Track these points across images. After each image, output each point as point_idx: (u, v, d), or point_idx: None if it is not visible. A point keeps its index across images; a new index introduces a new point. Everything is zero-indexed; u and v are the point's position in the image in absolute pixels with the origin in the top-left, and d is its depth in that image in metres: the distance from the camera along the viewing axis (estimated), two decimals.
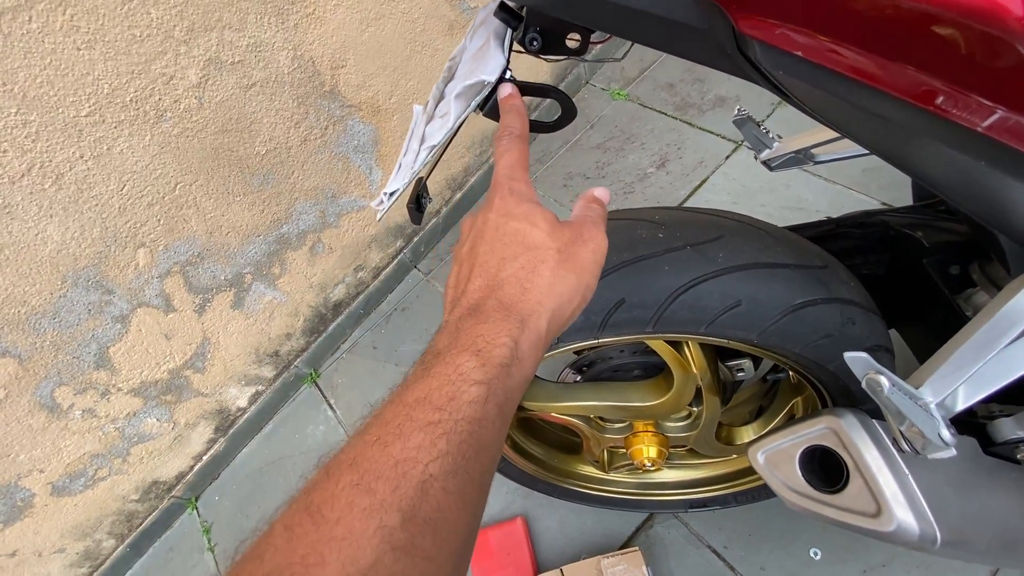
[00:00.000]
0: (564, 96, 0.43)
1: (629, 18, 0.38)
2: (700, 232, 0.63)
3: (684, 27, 0.36)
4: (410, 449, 0.25)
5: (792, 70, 0.33)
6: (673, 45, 0.39)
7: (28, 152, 0.91)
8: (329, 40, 1.17)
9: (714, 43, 0.37)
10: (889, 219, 0.77)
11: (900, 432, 0.46)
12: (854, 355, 0.44)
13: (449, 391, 0.27)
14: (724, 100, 1.68)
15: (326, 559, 0.22)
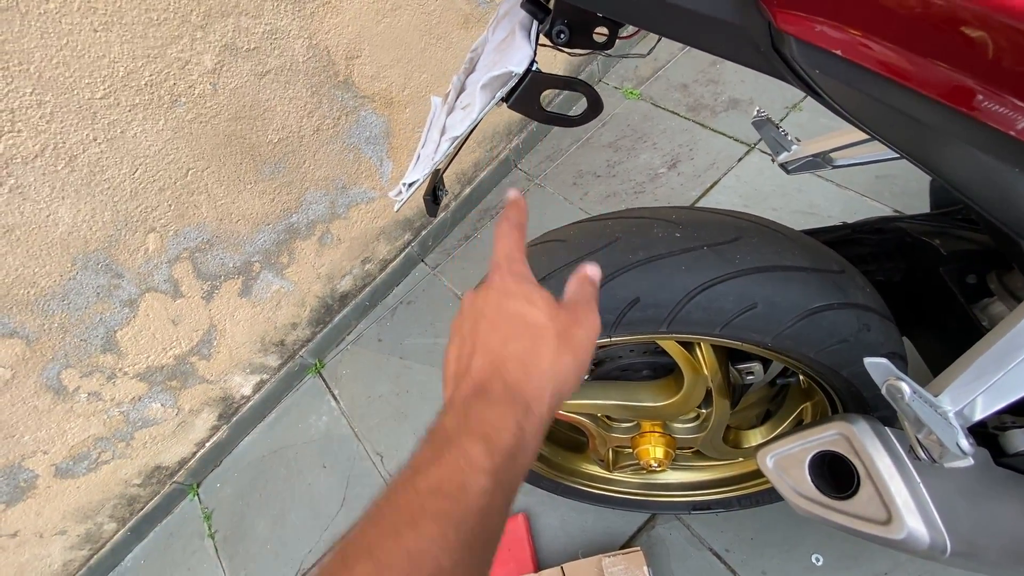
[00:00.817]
0: (591, 89, 0.43)
1: (662, 12, 0.37)
2: (717, 233, 0.63)
3: (718, 22, 0.36)
4: (423, 540, 0.25)
5: (828, 68, 0.32)
6: (704, 40, 0.39)
7: (42, 133, 0.91)
8: (345, 30, 1.17)
9: (747, 39, 0.36)
10: (906, 226, 0.76)
11: (917, 440, 0.46)
12: (875, 361, 0.44)
13: (460, 480, 0.28)
14: (738, 103, 1.67)
15: None
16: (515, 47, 0.46)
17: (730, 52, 0.38)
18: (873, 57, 0.29)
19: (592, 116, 0.44)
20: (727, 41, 0.37)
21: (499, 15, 0.60)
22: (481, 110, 0.43)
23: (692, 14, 0.35)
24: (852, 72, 0.31)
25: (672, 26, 0.38)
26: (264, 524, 1.44)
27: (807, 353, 0.63)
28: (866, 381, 0.67)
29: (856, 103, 0.34)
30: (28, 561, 1.32)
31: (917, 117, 0.31)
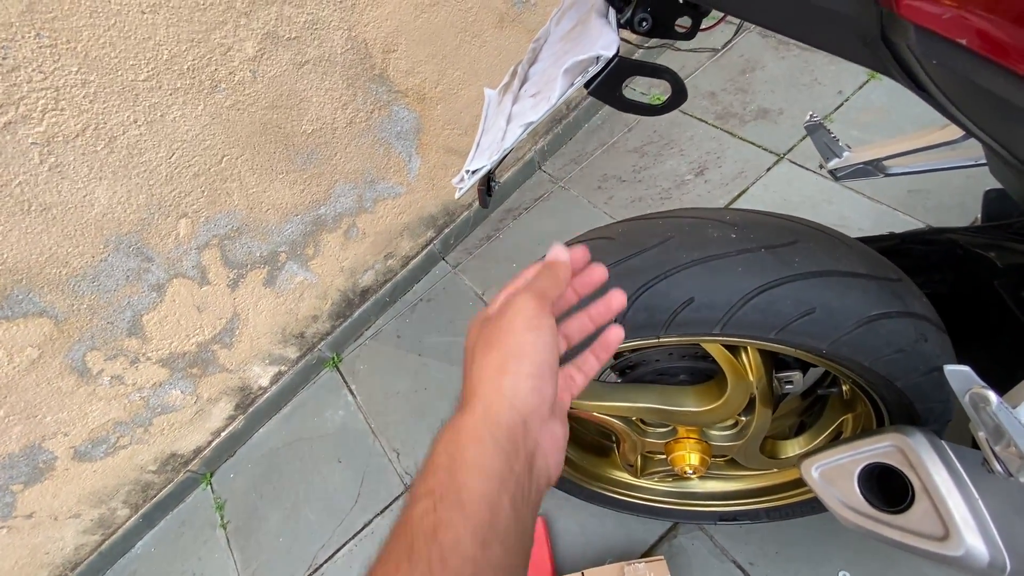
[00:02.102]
0: (677, 78, 0.42)
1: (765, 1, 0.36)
2: (774, 235, 0.62)
3: (823, 11, 0.35)
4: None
5: (949, 59, 0.31)
6: (802, 29, 0.38)
7: (85, 112, 0.91)
8: (384, 23, 1.17)
9: (852, 28, 0.35)
10: (958, 238, 0.75)
11: (993, 452, 0.45)
12: (956, 369, 0.42)
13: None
14: (767, 112, 1.66)
15: None
16: (595, 33, 0.45)
17: (829, 42, 0.37)
18: (1005, 50, 0.28)
19: (675, 106, 0.43)
20: (832, 32, 0.36)
21: (564, 6, 0.59)
22: (561, 95, 0.43)
23: (801, 3, 0.34)
24: (974, 64, 0.30)
25: (776, 16, 0.37)
26: (277, 517, 1.43)
27: (862, 361, 0.61)
28: (920, 393, 0.66)
29: (973, 99, 0.33)
30: (41, 543, 1.31)
31: None
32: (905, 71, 0.35)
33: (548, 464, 0.34)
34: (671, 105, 0.43)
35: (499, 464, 0.30)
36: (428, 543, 0.27)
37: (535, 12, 1.43)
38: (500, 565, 0.28)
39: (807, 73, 1.66)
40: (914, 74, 0.34)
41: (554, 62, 0.52)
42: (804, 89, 1.63)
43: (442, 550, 0.27)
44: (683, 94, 0.42)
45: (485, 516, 0.28)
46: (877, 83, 1.56)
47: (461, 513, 0.28)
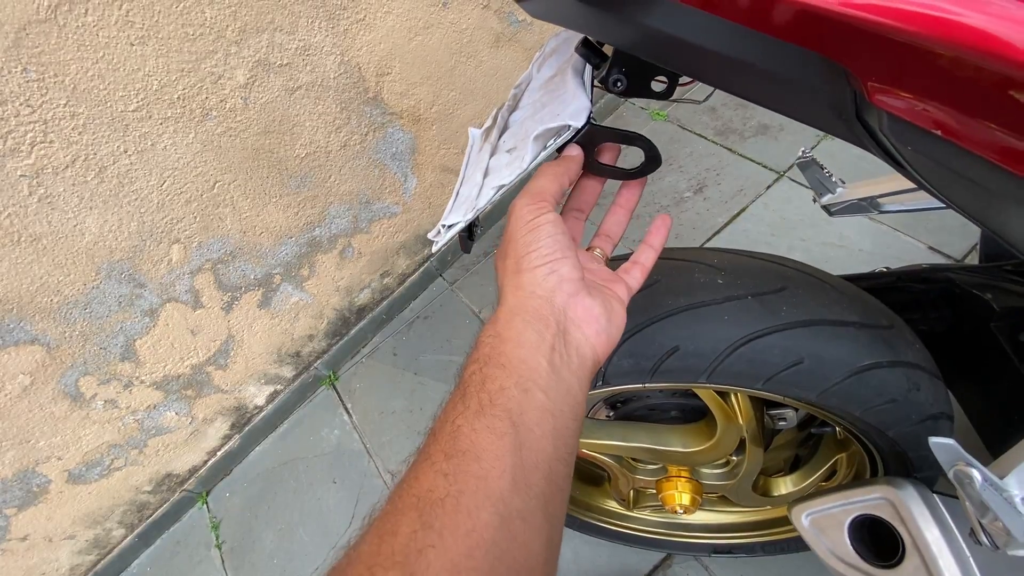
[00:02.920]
0: (650, 144, 0.41)
1: (734, 71, 0.35)
2: (762, 281, 0.60)
3: (795, 84, 0.34)
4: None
5: (923, 146, 0.30)
6: (776, 101, 0.37)
7: (74, 144, 0.90)
8: (377, 47, 1.16)
9: (826, 104, 0.34)
10: (955, 277, 0.73)
11: (980, 524, 0.43)
12: (941, 442, 0.41)
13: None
14: (767, 128, 1.64)
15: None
16: (569, 94, 0.44)
17: (806, 116, 0.36)
18: (979, 139, 0.27)
19: (649, 171, 0.42)
20: (805, 105, 0.35)
21: (545, 52, 0.58)
22: (532, 161, 0.42)
23: (770, 76, 0.33)
24: (951, 152, 0.29)
25: (742, 86, 0.36)
26: (271, 537, 1.42)
27: (852, 411, 0.60)
28: (913, 441, 0.64)
29: (947, 180, 0.31)
30: (36, 565, 1.32)
31: (1015, 198, 0.29)
32: (882, 149, 0.34)
33: (585, 334, 0.36)
34: (644, 171, 0.42)
35: (532, 336, 0.34)
36: (478, 390, 0.32)
37: (531, 31, 1.42)
38: (544, 407, 0.32)
39: None
40: (891, 154, 0.33)
41: (532, 114, 0.51)
42: None
43: (490, 394, 0.31)
44: (657, 161, 0.41)
45: (524, 371, 0.32)
46: None
47: (503, 370, 0.32)
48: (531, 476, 0.30)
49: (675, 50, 0.36)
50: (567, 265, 0.37)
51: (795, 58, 0.32)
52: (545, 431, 0.31)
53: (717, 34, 0.33)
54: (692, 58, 0.36)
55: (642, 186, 0.46)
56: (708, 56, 0.35)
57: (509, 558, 0.27)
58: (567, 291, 0.36)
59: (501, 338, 0.34)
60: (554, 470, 0.31)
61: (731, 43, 0.33)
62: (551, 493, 0.31)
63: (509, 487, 0.28)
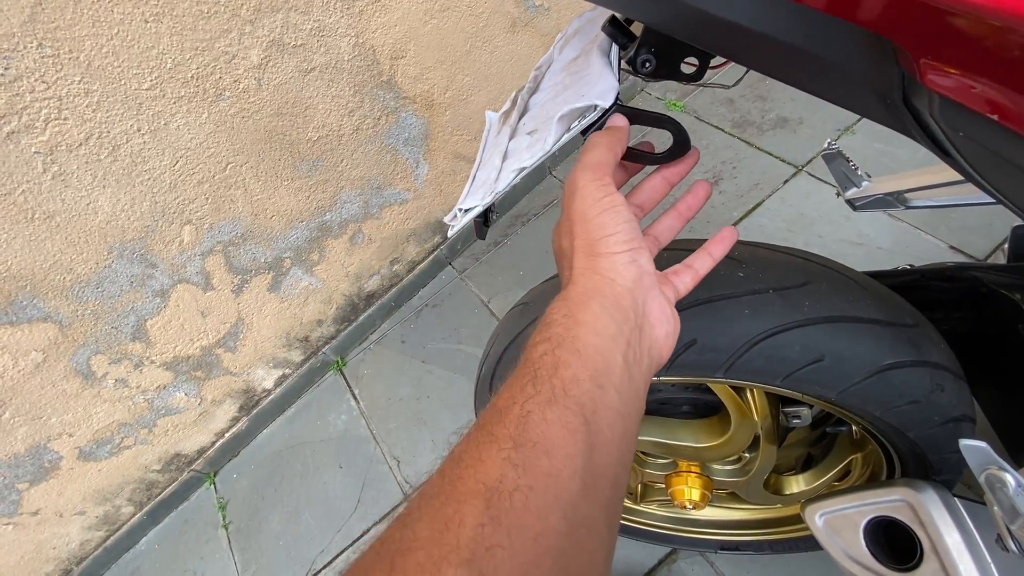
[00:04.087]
0: (680, 128, 0.39)
1: (774, 52, 0.33)
2: (784, 275, 0.59)
3: (838, 65, 0.32)
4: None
5: (976, 132, 0.28)
6: (817, 83, 0.35)
7: (88, 122, 0.90)
8: (392, 29, 1.14)
9: (869, 87, 0.32)
10: (982, 276, 0.71)
11: (1009, 530, 0.42)
12: (973, 444, 0.40)
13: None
14: (786, 121, 1.61)
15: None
16: (594, 75, 0.43)
17: (848, 99, 0.34)
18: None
19: (677, 156, 0.41)
20: (847, 87, 0.33)
21: (567, 33, 0.57)
22: (555, 142, 0.40)
23: (813, 56, 0.31)
24: (1006, 140, 0.27)
25: (787, 68, 0.34)
26: (277, 519, 1.43)
27: (873, 411, 0.58)
28: (934, 444, 0.62)
29: (1001, 170, 0.30)
30: (47, 539, 1.34)
31: None
32: (929, 136, 0.32)
33: (656, 335, 0.34)
34: (672, 155, 0.41)
35: (610, 325, 0.31)
36: (550, 375, 0.29)
37: (548, 16, 1.39)
38: (616, 408, 0.29)
39: None
40: (938, 141, 0.31)
41: (553, 96, 0.50)
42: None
43: (563, 382, 0.28)
44: (686, 145, 0.40)
45: (600, 364, 0.30)
46: None
47: (578, 357, 0.29)
48: (600, 481, 0.27)
49: (712, 29, 0.34)
50: (645, 256, 0.35)
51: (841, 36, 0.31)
52: (616, 434, 0.29)
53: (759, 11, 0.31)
54: (730, 38, 0.35)
55: (688, 168, 0.43)
56: (747, 36, 0.33)
57: (575, 568, 0.25)
58: (646, 285, 0.34)
59: (576, 320, 0.31)
60: (619, 477, 0.29)
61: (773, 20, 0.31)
62: (615, 501, 0.29)
63: (579, 491, 0.26)
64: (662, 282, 0.39)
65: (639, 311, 0.33)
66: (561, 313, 0.32)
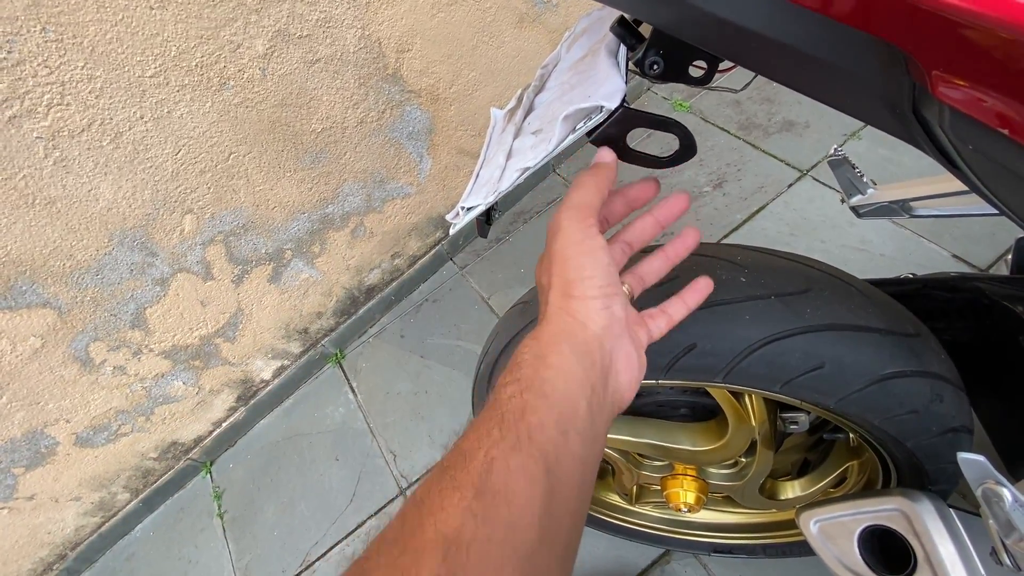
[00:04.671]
0: (685, 131, 0.39)
1: (785, 58, 0.33)
2: (786, 282, 0.58)
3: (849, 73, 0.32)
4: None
5: (987, 147, 0.28)
6: (826, 91, 0.35)
7: (90, 108, 0.90)
8: (399, 22, 1.14)
9: (879, 96, 0.32)
10: (984, 287, 0.70)
11: (1003, 544, 0.42)
12: (971, 458, 0.40)
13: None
14: (792, 125, 1.60)
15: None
16: (601, 75, 0.42)
17: (856, 108, 0.34)
18: None
19: (683, 160, 0.40)
20: (856, 96, 0.33)
21: (576, 31, 0.56)
22: (559, 143, 0.40)
23: (824, 64, 0.31)
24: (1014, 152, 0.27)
25: (798, 75, 0.34)
26: (273, 510, 1.44)
27: (872, 420, 0.58)
28: (931, 453, 0.62)
29: (1009, 184, 0.29)
30: (42, 524, 1.34)
31: None
32: (936, 147, 0.32)
33: (620, 382, 0.34)
34: (678, 159, 0.40)
35: (578, 371, 0.32)
36: (516, 420, 0.29)
37: (557, 13, 1.38)
38: (577, 455, 0.30)
39: None
40: (946, 152, 0.31)
41: (559, 96, 0.49)
42: None
43: (529, 428, 0.29)
44: (692, 149, 0.39)
45: (566, 410, 0.30)
46: None
47: (545, 402, 0.30)
48: (558, 529, 0.28)
49: (723, 33, 0.34)
50: (619, 303, 0.35)
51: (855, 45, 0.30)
52: (575, 482, 0.29)
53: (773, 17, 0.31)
54: (742, 43, 0.34)
55: (679, 212, 0.42)
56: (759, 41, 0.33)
57: None
58: (616, 332, 0.34)
59: (545, 362, 0.32)
60: (576, 524, 0.30)
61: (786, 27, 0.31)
62: (571, 548, 0.29)
63: (537, 540, 0.26)
64: (637, 323, 0.38)
65: (606, 358, 0.34)
66: (531, 353, 0.32)
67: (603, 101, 0.37)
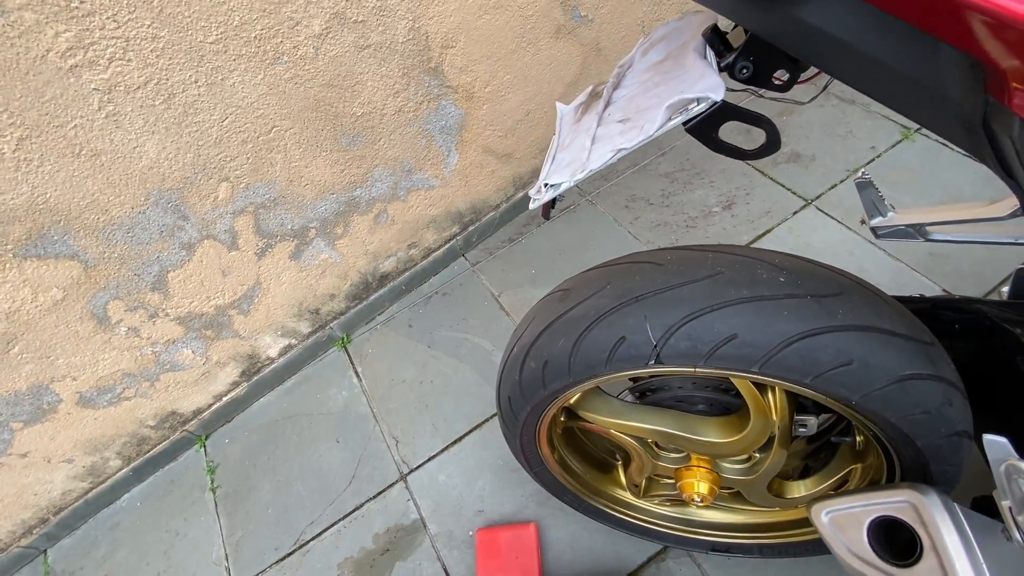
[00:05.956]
0: (774, 128, 0.44)
1: (873, 71, 0.38)
2: (821, 285, 0.64)
3: (927, 86, 0.37)
4: None
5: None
6: (904, 103, 0.40)
7: (150, 66, 0.91)
8: (447, 19, 1.18)
9: (951, 108, 0.37)
10: (986, 310, 0.77)
11: (1015, 521, 0.47)
12: (995, 439, 0.45)
13: None
14: (799, 157, 1.69)
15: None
16: (694, 72, 0.47)
17: (928, 118, 0.39)
18: None
19: (768, 154, 0.45)
20: (931, 108, 0.38)
21: (654, 38, 0.61)
22: (660, 128, 0.44)
23: (910, 80, 0.36)
24: None
25: (876, 84, 0.39)
26: (268, 488, 1.43)
27: (888, 417, 0.63)
28: (937, 454, 0.68)
29: None
30: (30, 484, 1.31)
31: None
32: (999, 160, 0.37)
33: None
34: (763, 152, 0.45)
35: None
36: None
37: (591, 28, 1.45)
38: None
39: (843, 124, 1.69)
40: (1009, 164, 0.36)
41: (643, 92, 0.54)
42: (838, 140, 1.66)
43: None
44: (777, 144, 0.44)
45: None
46: (910, 144, 1.59)
47: None
48: None
49: (820, 44, 0.39)
50: None
51: (938, 59, 0.35)
52: None
53: (869, 33, 0.36)
54: (836, 54, 0.39)
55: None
56: (853, 53, 0.38)
57: None
58: None
59: None
60: None
61: (880, 42, 0.36)
62: None
63: None
64: None
65: None
66: None
67: (708, 92, 0.42)
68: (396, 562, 1.25)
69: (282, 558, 1.32)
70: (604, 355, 0.69)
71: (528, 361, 0.78)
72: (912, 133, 1.60)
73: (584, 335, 0.69)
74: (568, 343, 0.71)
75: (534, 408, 0.82)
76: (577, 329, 0.70)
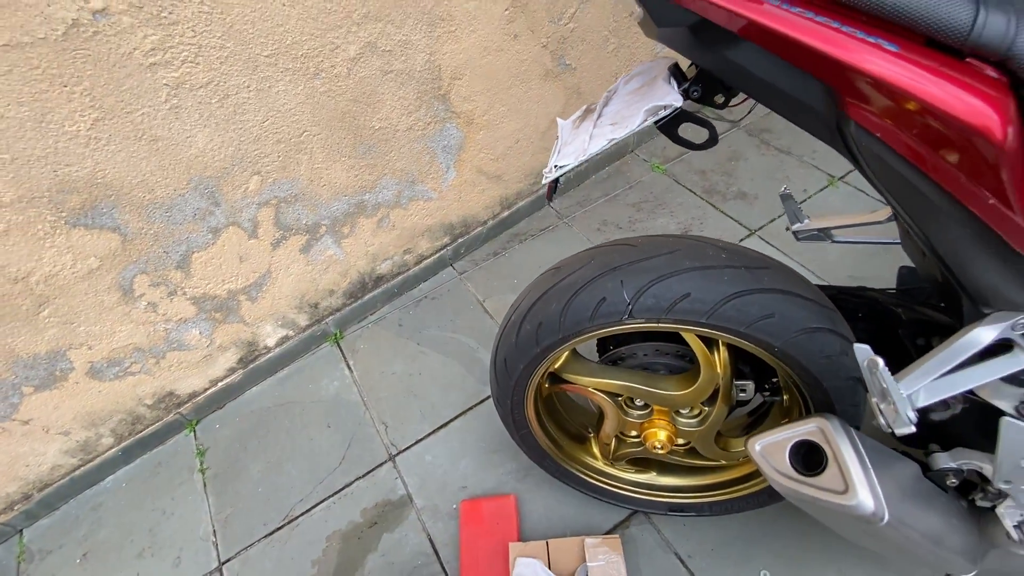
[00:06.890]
0: (714, 129, 0.65)
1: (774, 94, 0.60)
2: (752, 261, 0.85)
3: (802, 104, 0.59)
4: None
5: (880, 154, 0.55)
6: (788, 113, 0.62)
7: (213, 70, 1.08)
8: (457, 55, 1.41)
9: (822, 120, 0.59)
10: (877, 296, 1.01)
11: (879, 408, 0.66)
12: (860, 346, 0.65)
13: None
14: (745, 195, 1.98)
15: None
16: (662, 91, 0.68)
17: (806, 124, 0.61)
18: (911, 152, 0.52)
19: (709, 147, 0.66)
20: (806, 115, 0.60)
21: (634, 72, 0.83)
22: (640, 123, 0.65)
23: (790, 97, 0.58)
24: (892, 157, 0.54)
25: (775, 102, 0.60)
26: (258, 468, 1.50)
27: (801, 361, 0.84)
28: (840, 395, 0.88)
29: (888, 179, 0.57)
30: (24, 454, 1.34)
31: (926, 194, 0.54)
32: (851, 157, 0.59)
33: None
34: (706, 145, 0.66)
35: None
36: None
37: (574, 75, 1.71)
38: None
39: (781, 170, 2.00)
40: (857, 160, 0.58)
41: (626, 105, 0.76)
42: (777, 183, 1.96)
43: None
44: (715, 141, 0.66)
45: None
46: (834, 190, 1.90)
47: None
48: None
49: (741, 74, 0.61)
50: None
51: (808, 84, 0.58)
52: None
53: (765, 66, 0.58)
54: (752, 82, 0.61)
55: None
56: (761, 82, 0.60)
57: None
58: None
59: None
60: None
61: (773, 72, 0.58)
62: None
63: None
64: None
65: None
66: None
67: (672, 101, 0.63)
68: (383, 533, 1.34)
69: (271, 532, 1.38)
70: (588, 313, 0.87)
71: (524, 324, 0.95)
72: (836, 181, 1.92)
73: (572, 298, 0.88)
74: (559, 306, 0.89)
75: (526, 367, 0.99)
76: (567, 294, 0.88)
